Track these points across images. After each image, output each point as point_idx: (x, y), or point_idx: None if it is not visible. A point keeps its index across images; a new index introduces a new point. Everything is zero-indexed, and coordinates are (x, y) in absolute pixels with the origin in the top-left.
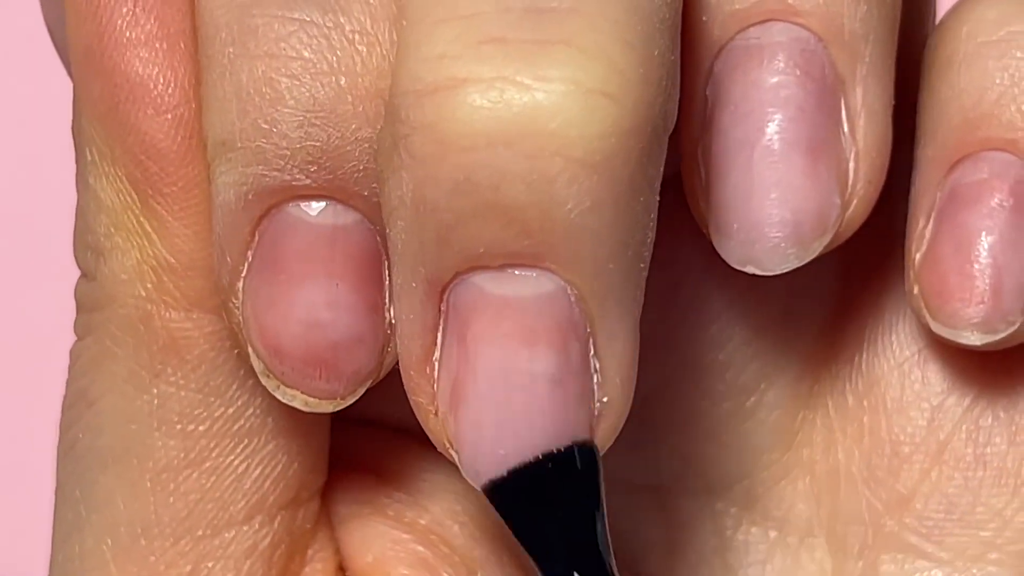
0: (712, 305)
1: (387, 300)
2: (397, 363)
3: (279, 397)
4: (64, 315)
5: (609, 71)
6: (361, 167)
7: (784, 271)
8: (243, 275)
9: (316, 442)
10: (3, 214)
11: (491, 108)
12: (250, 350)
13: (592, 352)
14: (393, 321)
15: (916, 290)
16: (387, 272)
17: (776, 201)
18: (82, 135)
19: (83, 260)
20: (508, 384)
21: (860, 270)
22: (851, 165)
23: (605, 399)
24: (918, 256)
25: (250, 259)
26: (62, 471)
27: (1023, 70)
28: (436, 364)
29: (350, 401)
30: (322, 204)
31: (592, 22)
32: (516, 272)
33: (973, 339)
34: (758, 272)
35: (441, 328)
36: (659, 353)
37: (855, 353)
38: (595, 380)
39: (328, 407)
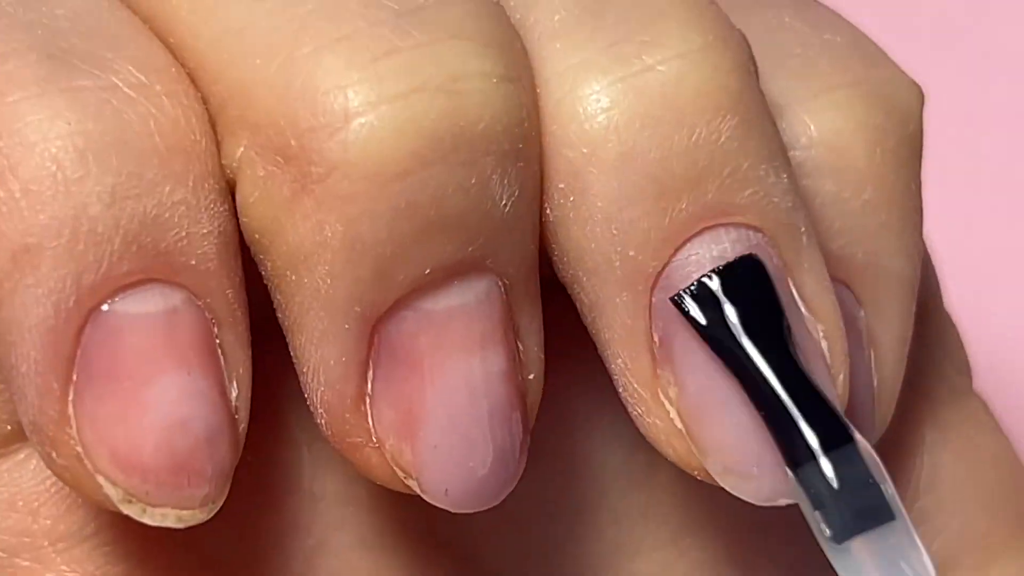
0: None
1: (226, 380)
2: None
3: (148, 521)
4: None
5: (504, 54)
6: (184, 233)
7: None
8: (71, 398)
9: None
10: None
11: (415, 125)
12: (100, 480)
13: (515, 334)
14: (236, 402)
15: None
16: (220, 350)
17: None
18: None
19: None
20: (469, 393)
21: None
22: (824, 346)
23: (531, 376)
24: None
25: (75, 377)
26: None
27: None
28: (369, 400)
29: (221, 502)
30: (147, 291)
31: (468, 8)
32: (454, 283)
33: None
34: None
35: (373, 363)
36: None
37: None
38: (519, 358)
39: (203, 516)
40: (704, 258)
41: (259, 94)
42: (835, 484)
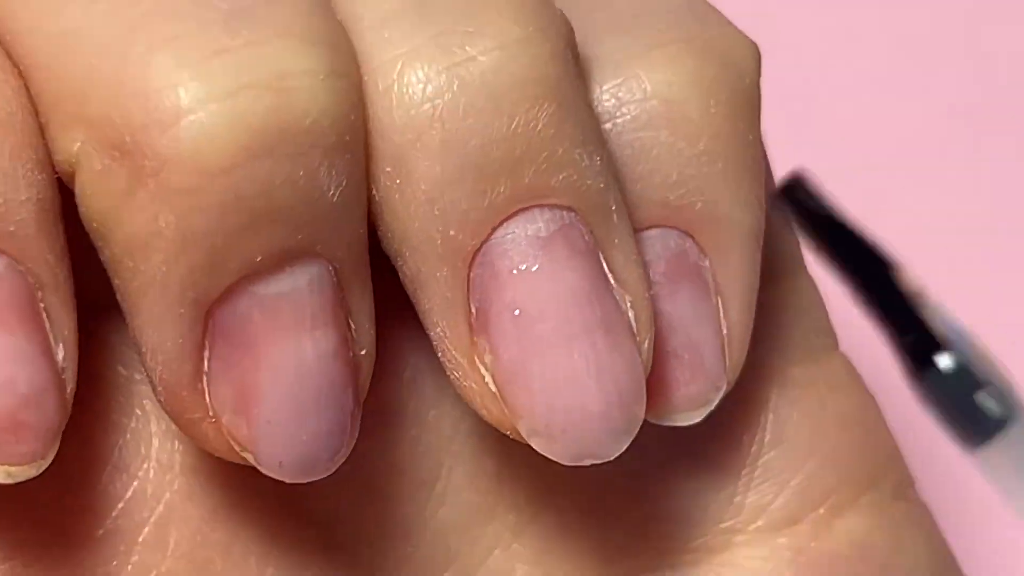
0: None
1: (52, 342)
2: None
3: None
4: None
5: (331, 51)
6: (1, 200)
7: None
8: None
9: None
10: None
11: (244, 121)
12: None
13: (347, 313)
14: (63, 363)
15: None
16: (44, 313)
17: (585, 395)
18: None
19: None
20: (301, 372)
21: None
22: (631, 316)
23: (363, 351)
24: None
25: None
26: None
27: (655, 146)
28: (205, 378)
29: (51, 459)
30: None
31: (295, 6)
32: (286, 269)
33: (693, 417)
34: (596, 461)
35: (208, 344)
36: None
37: None
38: (352, 335)
39: (33, 471)
40: (519, 236)
41: (95, 92)
42: None
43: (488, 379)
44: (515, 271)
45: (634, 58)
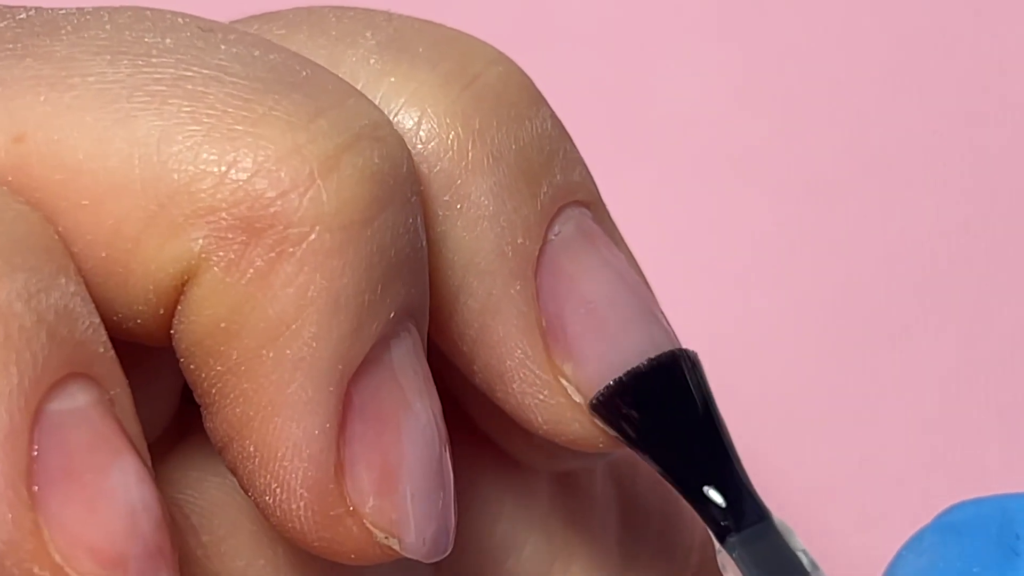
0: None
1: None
2: None
3: None
4: None
5: (376, 113)
6: (87, 323)
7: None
8: (35, 500)
9: None
10: None
11: (369, 171)
12: None
13: None
14: None
15: None
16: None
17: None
18: None
19: None
20: (428, 438)
21: None
22: None
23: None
24: None
25: (36, 485)
26: None
27: None
28: (344, 467)
29: None
30: (72, 385)
31: (332, 73)
32: (401, 330)
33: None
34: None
35: (348, 425)
36: None
37: None
38: None
39: None
40: (564, 236)
41: (206, 183)
42: None
43: (572, 390)
44: (577, 267)
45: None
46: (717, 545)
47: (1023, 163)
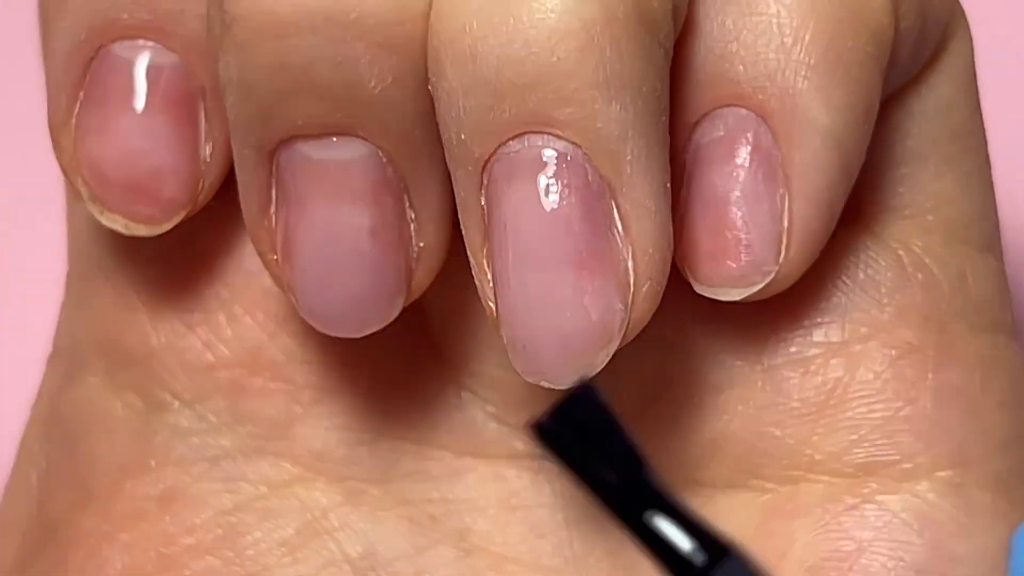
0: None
1: (203, 137)
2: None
3: (104, 221)
4: None
5: None
6: (178, 8)
7: (575, 383)
8: (76, 112)
9: None
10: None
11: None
12: (79, 181)
13: (408, 204)
14: (208, 158)
15: (679, 254)
16: (203, 113)
17: (549, 319)
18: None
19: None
20: (331, 236)
21: None
22: (629, 265)
23: (422, 244)
24: (677, 220)
25: (82, 97)
26: None
27: (750, 28)
28: (273, 217)
29: (166, 228)
30: (145, 46)
31: None
32: (334, 139)
33: (733, 294)
34: (551, 386)
35: (274, 187)
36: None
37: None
38: (412, 228)
39: (145, 231)
40: (521, 155)
41: None
42: None
43: (489, 281)
44: (511, 186)
45: None
46: None
47: (1023, 163)
